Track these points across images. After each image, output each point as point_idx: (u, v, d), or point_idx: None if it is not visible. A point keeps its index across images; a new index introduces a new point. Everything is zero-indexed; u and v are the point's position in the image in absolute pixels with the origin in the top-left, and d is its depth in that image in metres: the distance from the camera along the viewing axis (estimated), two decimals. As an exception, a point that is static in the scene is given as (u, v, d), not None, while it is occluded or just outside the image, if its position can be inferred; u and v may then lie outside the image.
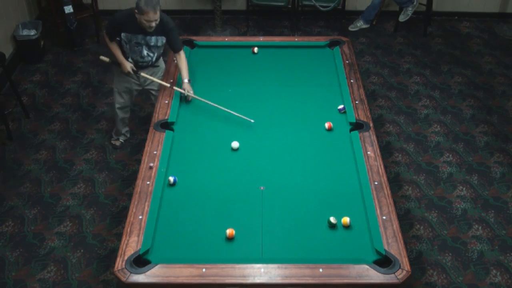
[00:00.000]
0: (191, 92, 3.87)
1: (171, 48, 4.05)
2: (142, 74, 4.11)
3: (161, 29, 3.92)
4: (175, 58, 4.10)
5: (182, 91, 3.87)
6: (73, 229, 3.99)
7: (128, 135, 4.75)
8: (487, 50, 6.13)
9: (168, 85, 3.92)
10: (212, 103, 3.74)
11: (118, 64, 4.14)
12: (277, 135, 3.60)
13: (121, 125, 4.60)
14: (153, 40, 3.98)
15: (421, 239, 3.94)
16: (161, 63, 4.31)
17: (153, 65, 4.21)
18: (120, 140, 4.70)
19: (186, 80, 3.91)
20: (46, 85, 5.49)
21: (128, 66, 4.09)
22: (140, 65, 4.14)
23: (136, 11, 3.75)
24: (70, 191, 4.30)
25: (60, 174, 4.45)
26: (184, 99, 3.88)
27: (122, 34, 3.96)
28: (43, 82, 5.53)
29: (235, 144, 3.46)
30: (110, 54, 4.17)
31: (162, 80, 4.04)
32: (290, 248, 2.85)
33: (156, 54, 4.13)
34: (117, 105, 4.43)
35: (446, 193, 4.32)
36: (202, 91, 3.94)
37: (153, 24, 3.79)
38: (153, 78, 4.09)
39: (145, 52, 4.05)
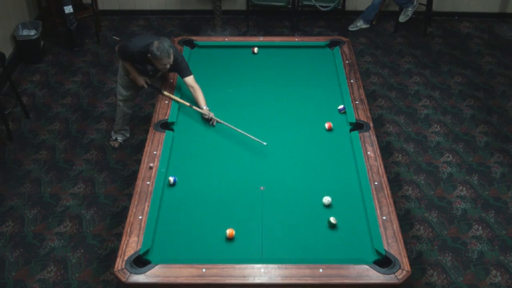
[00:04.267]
0: (212, 114, 3.70)
1: (180, 75, 3.93)
2: (165, 93, 3.96)
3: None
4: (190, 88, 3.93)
5: (202, 112, 3.73)
6: (73, 229, 3.99)
7: (128, 135, 4.75)
8: (487, 50, 6.13)
9: (188, 104, 3.81)
10: (233, 127, 3.59)
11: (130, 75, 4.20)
12: (277, 135, 3.60)
13: (122, 120, 4.56)
14: (157, 70, 4.03)
15: (421, 239, 3.94)
16: None
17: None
18: (119, 140, 4.69)
19: (204, 107, 3.75)
20: (46, 85, 5.49)
21: (142, 80, 4.14)
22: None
23: (149, 55, 3.74)
24: (70, 191, 4.30)
25: (60, 174, 4.45)
26: (208, 121, 3.72)
27: (135, 65, 4.03)
28: (43, 82, 5.53)
29: (327, 200, 3.11)
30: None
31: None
32: (290, 248, 2.85)
33: (158, 73, 4.20)
34: (119, 97, 4.39)
35: (446, 193, 4.32)
36: (202, 91, 3.94)
37: (168, 66, 3.80)
38: (177, 99, 3.88)
39: (150, 72, 4.12)
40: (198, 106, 3.75)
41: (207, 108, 3.74)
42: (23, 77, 5.58)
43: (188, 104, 3.81)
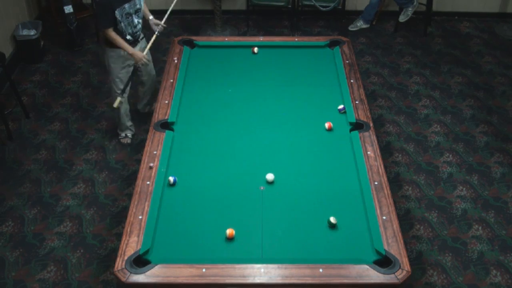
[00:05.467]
0: (160, 23, 4.34)
1: None
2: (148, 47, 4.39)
3: None
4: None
5: (157, 31, 4.33)
6: (73, 229, 3.99)
7: (134, 130, 4.77)
8: (487, 50, 6.13)
9: (154, 36, 4.32)
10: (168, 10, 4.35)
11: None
12: (277, 135, 3.60)
13: (125, 117, 4.60)
14: (137, 2, 4.13)
15: (421, 239, 3.94)
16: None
17: (140, 35, 4.39)
18: (128, 135, 4.73)
19: (151, 17, 4.37)
20: (46, 85, 5.49)
21: (141, 54, 4.23)
22: (135, 37, 4.28)
23: None
24: (70, 191, 4.30)
25: (60, 174, 4.45)
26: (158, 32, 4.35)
27: (116, 13, 4.00)
28: (43, 82, 5.53)
29: (270, 177, 3.25)
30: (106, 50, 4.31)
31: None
32: (290, 248, 2.85)
33: (141, 20, 4.31)
34: (117, 92, 4.39)
35: (446, 193, 4.32)
36: (202, 91, 3.95)
37: None
38: (150, 42, 4.32)
39: (135, 20, 4.20)
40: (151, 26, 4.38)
41: (152, 17, 4.37)
42: (23, 77, 5.58)
43: (154, 38, 4.31)
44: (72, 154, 4.65)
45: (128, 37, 4.18)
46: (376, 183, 3.17)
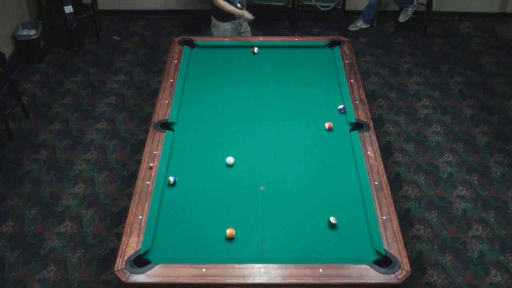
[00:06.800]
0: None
1: None
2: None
3: None
4: None
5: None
6: (73, 229, 3.99)
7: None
8: (487, 50, 6.13)
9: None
10: None
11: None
12: (277, 135, 3.60)
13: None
14: None
15: (421, 239, 3.94)
16: None
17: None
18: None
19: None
20: (46, 85, 5.49)
21: (247, 14, 4.72)
22: (242, 5, 4.77)
23: None
24: (70, 191, 4.30)
25: (60, 174, 4.45)
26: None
27: None
28: (43, 82, 5.53)
29: (230, 160, 3.36)
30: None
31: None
32: (290, 248, 2.85)
33: None
34: None
35: (446, 193, 4.32)
36: (202, 91, 3.94)
37: None
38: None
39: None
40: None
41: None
42: (23, 77, 5.58)
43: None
44: (72, 154, 4.65)
45: (238, 5, 4.67)
46: (376, 183, 3.17)
